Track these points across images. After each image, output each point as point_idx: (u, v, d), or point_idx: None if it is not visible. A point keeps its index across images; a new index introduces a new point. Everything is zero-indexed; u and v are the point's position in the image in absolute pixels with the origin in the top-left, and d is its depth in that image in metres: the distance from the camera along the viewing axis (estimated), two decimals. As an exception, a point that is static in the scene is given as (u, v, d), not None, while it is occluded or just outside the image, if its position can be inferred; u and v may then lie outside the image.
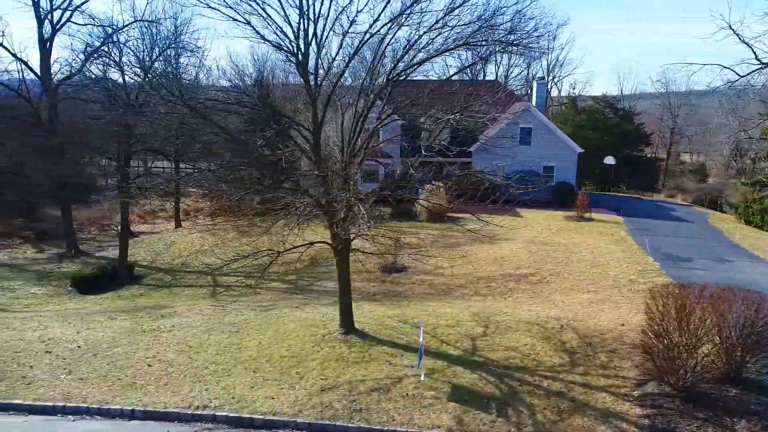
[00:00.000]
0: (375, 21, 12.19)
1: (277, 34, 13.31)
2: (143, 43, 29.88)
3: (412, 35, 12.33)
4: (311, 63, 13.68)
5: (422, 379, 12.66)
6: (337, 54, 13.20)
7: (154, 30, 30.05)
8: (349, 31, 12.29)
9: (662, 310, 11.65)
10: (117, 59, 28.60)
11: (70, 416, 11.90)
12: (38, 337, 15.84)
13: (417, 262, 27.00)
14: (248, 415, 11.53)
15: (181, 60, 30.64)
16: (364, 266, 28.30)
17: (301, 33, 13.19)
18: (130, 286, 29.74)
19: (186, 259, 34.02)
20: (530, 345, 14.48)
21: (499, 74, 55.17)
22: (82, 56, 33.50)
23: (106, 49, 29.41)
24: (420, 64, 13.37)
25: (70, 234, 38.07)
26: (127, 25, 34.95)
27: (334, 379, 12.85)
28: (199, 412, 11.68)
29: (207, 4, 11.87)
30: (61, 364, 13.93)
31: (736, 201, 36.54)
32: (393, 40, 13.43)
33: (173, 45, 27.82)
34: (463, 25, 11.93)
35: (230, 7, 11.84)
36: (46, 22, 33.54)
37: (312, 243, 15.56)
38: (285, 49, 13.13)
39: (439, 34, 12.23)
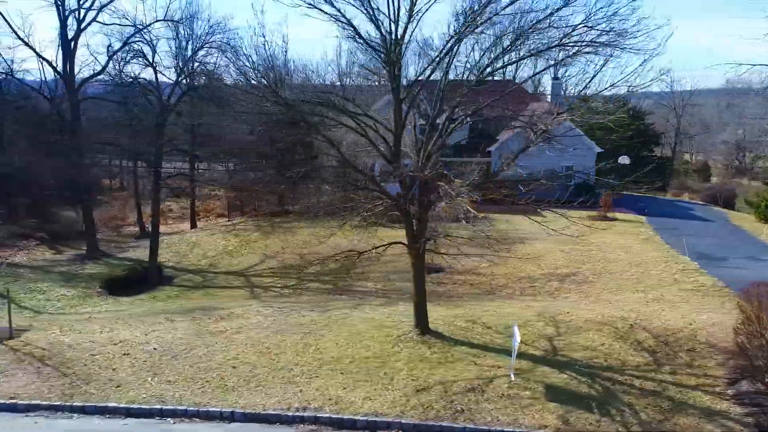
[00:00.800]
0: (470, 22, 12.22)
1: (362, 39, 13.38)
2: (177, 44, 29.65)
3: (510, 36, 12.36)
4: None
5: (512, 379, 12.75)
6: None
7: (185, 29, 29.85)
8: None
9: (757, 309, 11.80)
10: (150, 58, 28.35)
11: (168, 419, 11.84)
12: (108, 339, 15.73)
13: (453, 262, 27.11)
14: (350, 417, 11.55)
15: (215, 59, 30.30)
16: (394, 266, 28.43)
17: (392, 34, 13.26)
18: (162, 288, 29.54)
19: (213, 260, 33.88)
20: (608, 345, 14.61)
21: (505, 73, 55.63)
22: (112, 57, 33.31)
23: (139, 48, 29.14)
24: (508, 65, 13.39)
25: (92, 235, 37.77)
26: (149, 24, 34.70)
27: (425, 379, 12.90)
28: (301, 413, 11.67)
29: (312, 4, 11.94)
30: (144, 366, 13.86)
31: (756, 200, 36.99)
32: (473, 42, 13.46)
33: (208, 44, 27.70)
34: (564, 27, 11.99)
35: (334, 6, 11.94)
36: (72, 20, 33.23)
37: (391, 243, 15.57)
38: (378, 49, 13.18)
39: (538, 35, 12.27)
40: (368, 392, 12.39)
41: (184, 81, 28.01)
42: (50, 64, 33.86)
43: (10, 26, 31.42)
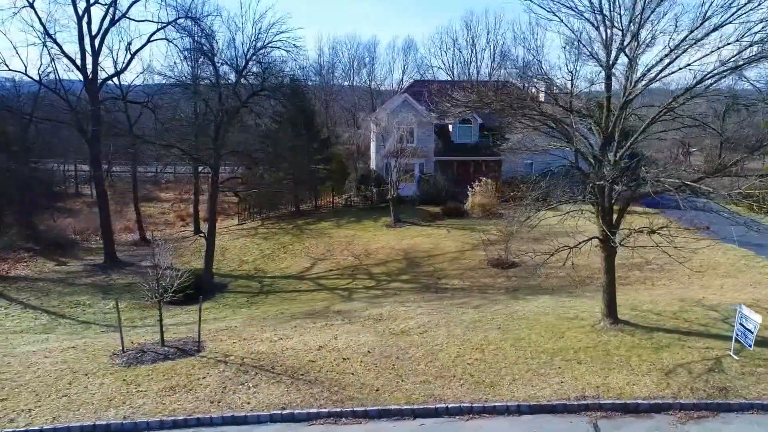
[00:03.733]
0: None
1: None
2: (231, 43, 28.67)
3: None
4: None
5: (736, 358, 13.91)
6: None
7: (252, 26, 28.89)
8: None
9: None
10: (210, 56, 27.25)
11: (456, 416, 12.01)
12: (304, 345, 15.43)
13: (523, 257, 28.27)
14: (633, 401, 12.25)
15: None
16: (461, 265, 29.14)
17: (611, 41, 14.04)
18: (222, 295, 28.74)
19: (255, 265, 33.19)
20: (782, 324, 16.12)
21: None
22: (135, 55, 31.61)
23: (198, 44, 27.91)
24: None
25: (110, 245, 35.90)
26: (172, 22, 33.53)
27: (660, 363, 13.77)
28: (584, 402, 12.23)
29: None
30: (379, 369, 13.80)
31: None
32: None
33: (270, 44, 26.97)
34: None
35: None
36: (96, 17, 31.34)
37: (592, 238, 16.29)
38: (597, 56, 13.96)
39: None
40: (624, 378, 13.11)
41: (257, 81, 27.15)
42: (74, 62, 31.75)
43: (42, 23, 29.28)
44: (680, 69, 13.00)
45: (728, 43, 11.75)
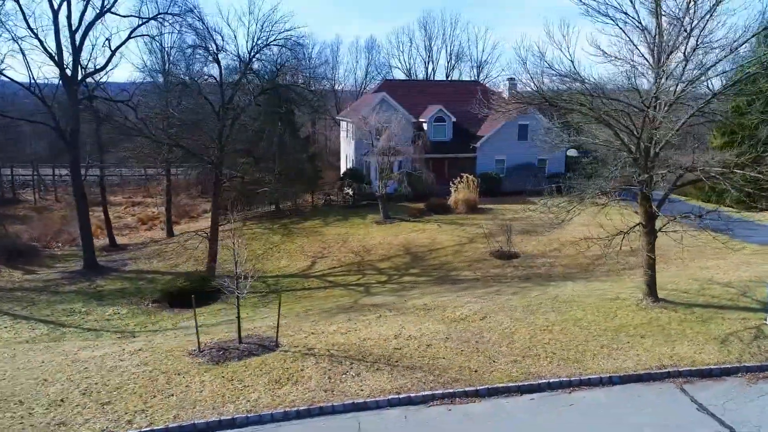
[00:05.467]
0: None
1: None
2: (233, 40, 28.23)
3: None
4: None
5: (772, 326, 15.68)
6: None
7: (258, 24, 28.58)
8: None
9: None
10: (215, 53, 26.83)
11: (557, 390, 12.93)
12: (379, 336, 15.88)
13: (524, 247, 29.78)
14: (706, 367, 13.61)
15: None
16: (468, 257, 30.22)
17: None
18: (229, 296, 28.31)
19: (249, 264, 32.72)
20: (794, 295, 18.11)
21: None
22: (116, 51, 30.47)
23: (201, 42, 27.38)
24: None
25: (91, 251, 34.54)
26: (154, 17, 32.87)
27: (712, 334, 15.28)
28: (666, 370, 13.48)
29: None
30: (467, 352, 14.51)
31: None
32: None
33: (275, 42, 26.78)
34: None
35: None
36: (75, 10, 30.05)
37: (638, 224, 17.59)
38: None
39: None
40: (688, 348, 14.50)
41: (263, 79, 26.91)
42: (54, 59, 30.27)
43: (25, 18, 27.76)
44: (732, 69, 14.50)
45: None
